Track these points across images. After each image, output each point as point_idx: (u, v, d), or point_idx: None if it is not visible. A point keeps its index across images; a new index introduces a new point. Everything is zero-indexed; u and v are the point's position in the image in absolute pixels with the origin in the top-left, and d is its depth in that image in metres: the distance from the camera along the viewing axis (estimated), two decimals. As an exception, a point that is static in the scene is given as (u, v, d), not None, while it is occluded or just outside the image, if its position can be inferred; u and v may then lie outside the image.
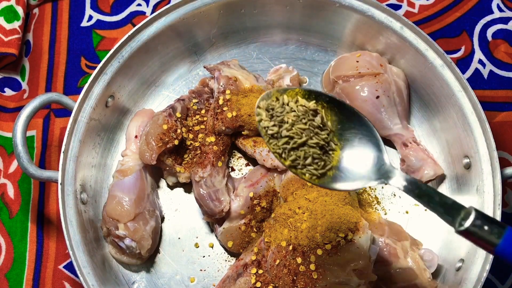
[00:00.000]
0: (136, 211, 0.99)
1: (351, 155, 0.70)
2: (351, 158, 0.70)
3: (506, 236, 0.60)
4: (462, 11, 1.21)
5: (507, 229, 0.61)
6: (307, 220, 0.89)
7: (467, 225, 0.61)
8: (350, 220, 0.88)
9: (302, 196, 0.94)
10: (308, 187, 0.95)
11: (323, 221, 0.88)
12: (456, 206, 0.63)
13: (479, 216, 0.62)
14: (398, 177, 0.67)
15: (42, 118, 1.15)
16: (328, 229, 0.87)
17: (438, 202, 0.64)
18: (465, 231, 0.62)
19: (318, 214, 0.89)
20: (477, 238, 0.62)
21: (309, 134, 0.69)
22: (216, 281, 1.01)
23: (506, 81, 1.16)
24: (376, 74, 1.06)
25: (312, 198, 0.92)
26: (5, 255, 1.06)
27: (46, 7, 1.24)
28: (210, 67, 1.09)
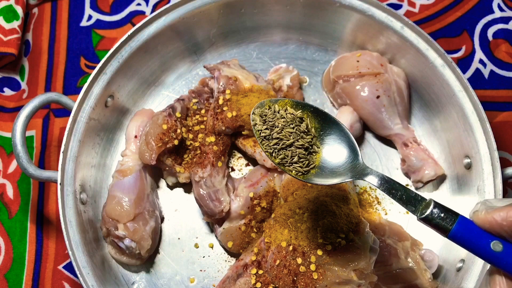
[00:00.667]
0: (135, 211, 0.98)
1: (331, 156, 0.82)
2: (331, 159, 0.82)
3: (458, 223, 0.71)
4: (462, 11, 1.21)
5: (459, 217, 0.71)
6: (307, 221, 0.89)
7: (426, 213, 0.72)
8: (351, 221, 0.88)
9: (302, 196, 0.93)
10: (308, 187, 0.95)
11: (323, 222, 0.87)
12: (418, 198, 0.75)
13: (436, 206, 0.72)
14: (371, 176, 0.78)
15: (42, 118, 1.15)
16: (328, 230, 0.87)
17: (404, 194, 0.75)
18: (425, 218, 0.73)
19: (318, 215, 0.89)
20: (434, 225, 0.72)
21: (295, 137, 0.81)
22: (216, 281, 1.01)
23: (507, 81, 1.16)
24: (376, 74, 1.05)
25: (313, 198, 0.92)
26: (4, 255, 1.06)
27: (46, 7, 1.23)
28: (210, 67, 1.09)
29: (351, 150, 0.82)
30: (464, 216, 0.72)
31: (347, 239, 0.87)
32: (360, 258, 0.85)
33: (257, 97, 1.03)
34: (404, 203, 0.75)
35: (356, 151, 0.82)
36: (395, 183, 0.77)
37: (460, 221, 0.71)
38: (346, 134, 0.83)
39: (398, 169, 1.08)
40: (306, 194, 0.94)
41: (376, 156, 1.09)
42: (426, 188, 1.06)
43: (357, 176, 0.79)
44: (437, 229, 0.73)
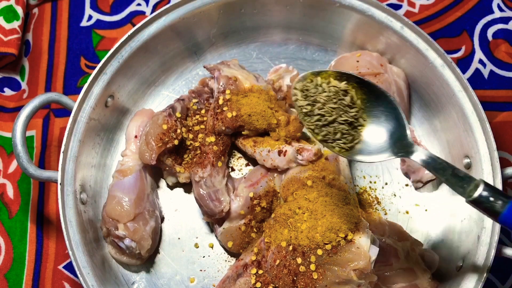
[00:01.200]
0: (136, 211, 0.98)
1: (377, 131, 0.78)
2: (377, 133, 0.78)
3: (510, 207, 0.67)
4: (462, 11, 1.21)
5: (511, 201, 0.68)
6: (307, 220, 0.89)
7: (475, 196, 0.68)
8: (350, 220, 0.88)
9: (302, 196, 0.93)
10: (308, 187, 0.95)
11: (323, 221, 0.88)
12: (467, 178, 0.70)
13: (486, 188, 0.69)
14: (418, 152, 0.74)
15: (42, 118, 1.15)
16: (328, 229, 0.87)
17: (451, 174, 0.71)
18: (474, 201, 0.69)
19: (318, 214, 0.89)
20: (484, 207, 0.69)
21: (338, 112, 0.77)
22: (216, 281, 1.01)
23: (507, 81, 1.16)
24: (376, 74, 1.05)
25: (312, 198, 0.92)
26: (5, 255, 1.06)
27: (46, 7, 1.23)
28: (210, 67, 1.09)
29: (399, 124, 0.77)
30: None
31: (346, 239, 0.87)
32: (359, 258, 0.85)
33: (257, 97, 1.03)
34: (451, 184, 0.71)
35: (403, 125, 0.77)
36: (443, 162, 0.73)
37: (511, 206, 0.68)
38: (394, 107, 0.78)
39: (398, 169, 1.08)
40: (306, 194, 0.94)
41: (376, 156, 1.09)
42: (426, 188, 1.07)
43: (403, 153, 0.75)
44: (487, 212, 0.70)
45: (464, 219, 0.99)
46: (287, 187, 0.98)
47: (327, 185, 0.95)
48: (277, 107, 1.04)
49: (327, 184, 0.95)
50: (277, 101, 1.06)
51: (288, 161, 0.99)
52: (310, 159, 0.98)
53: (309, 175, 0.96)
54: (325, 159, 0.99)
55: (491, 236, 0.91)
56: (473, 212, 0.96)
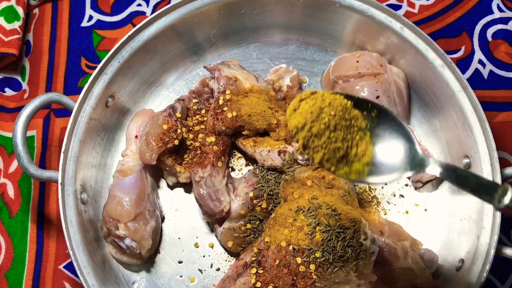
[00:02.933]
0: (136, 211, 0.99)
1: (384, 149, 0.74)
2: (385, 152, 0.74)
3: None
4: (462, 11, 1.21)
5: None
6: (307, 220, 0.89)
7: (506, 202, 0.65)
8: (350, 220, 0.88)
9: (302, 196, 0.94)
10: (308, 187, 0.95)
11: (323, 221, 0.88)
12: (493, 186, 0.67)
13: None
14: (433, 165, 0.70)
15: (42, 118, 1.15)
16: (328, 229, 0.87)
17: (476, 183, 0.67)
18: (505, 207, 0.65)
19: (318, 215, 0.89)
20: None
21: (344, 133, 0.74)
22: (216, 281, 1.01)
23: (506, 81, 1.16)
24: (376, 74, 1.06)
25: (312, 199, 0.92)
26: (5, 254, 1.06)
27: (46, 7, 1.24)
28: (210, 67, 1.09)
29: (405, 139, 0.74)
30: None
31: (346, 239, 0.87)
32: (359, 258, 0.85)
33: (257, 97, 1.03)
34: (477, 193, 0.67)
35: (411, 139, 0.74)
36: (463, 171, 0.69)
37: None
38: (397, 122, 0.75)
39: (397, 169, 1.08)
40: (306, 194, 0.94)
41: (375, 156, 1.09)
42: (426, 188, 1.07)
43: (417, 169, 0.72)
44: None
45: (464, 219, 0.99)
46: (287, 187, 0.98)
47: (327, 185, 0.95)
48: (277, 107, 1.04)
49: (327, 184, 0.95)
50: (277, 101, 1.07)
51: (288, 161, 0.99)
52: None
53: (309, 175, 0.96)
54: (325, 159, 0.99)
55: (490, 236, 0.91)
56: (473, 212, 0.96)
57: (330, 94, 0.74)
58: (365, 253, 0.85)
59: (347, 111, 0.74)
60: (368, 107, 0.76)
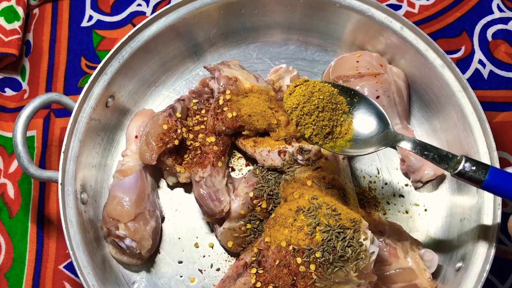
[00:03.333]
0: (136, 211, 0.99)
1: (363, 128, 0.88)
2: (364, 131, 0.88)
3: (490, 173, 0.77)
4: (462, 11, 1.21)
5: (490, 168, 0.78)
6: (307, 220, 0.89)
7: (459, 169, 0.78)
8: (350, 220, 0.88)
9: (302, 196, 0.94)
10: (308, 187, 0.95)
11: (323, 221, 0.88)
12: (449, 156, 0.81)
13: (468, 160, 0.79)
14: (403, 141, 0.84)
15: (42, 118, 1.15)
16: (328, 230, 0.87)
17: (436, 154, 0.82)
18: (458, 173, 0.78)
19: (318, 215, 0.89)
20: (467, 178, 0.78)
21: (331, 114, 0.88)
22: (216, 281, 1.01)
23: (506, 81, 1.16)
24: (376, 74, 1.06)
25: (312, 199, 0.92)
26: (5, 254, 1.06)
27: (46, 7, 1.24)
28: (210, 67, 1.09)
29: (380, 120, 0.88)
30: (494, 167, 0.78)
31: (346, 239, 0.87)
32: (360, 258, 0.85)
33: (257, 97, 1.03)
34: (437, 162, 0.81)
35: (386, 120, 0.88)
36: (427, 145, 0.83)
37: (491, 172, 0.77)
38: (374, 106, 0.89)
39: (397, 169, 1.08)
40: (306, 194, 0.94)
41: (375, 156, 1.09)
42: (426, 188, 1.07)
43: (390, 144, 0.86)
44: (471, 182, 0.78)
45: (464, 219, 0.99)
46: (287, 187, 0.98)
47: (327, 185, 0.95)
48: (277, 107, 1.04)
49: (327, 184, 0.95)
50: (277, 101, 1.07)
51: (288, 161, 0.99)
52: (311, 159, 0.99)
53: (309, 175, 0.96)
54: (325, 159, 0.99)
55: (490, 236, 0.91)
56: (473, 212, 0.96)
57: (320, 82, 0.89)
58: (365, 253, 0.85)
59: (333, 96, 0.88)
60: (351, 94, 0.90)
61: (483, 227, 0.93)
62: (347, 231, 0.86)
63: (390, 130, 0.87)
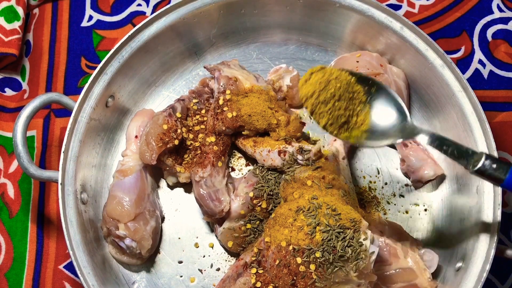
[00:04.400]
0: (136, 211, 0.99)
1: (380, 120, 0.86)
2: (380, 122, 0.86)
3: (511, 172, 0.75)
4: (462, 11, 1.21)
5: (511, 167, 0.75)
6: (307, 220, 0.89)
7: (479, 166, 0.76)
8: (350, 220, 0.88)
9: (302, 196, 0.94)
10: (308, 187, 0.95)
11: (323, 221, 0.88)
12: (469, 152, 0.78)
13: (488, 158, 0.76)
14: (422, 134, 0.82)
15: (42, 118, 1.15)
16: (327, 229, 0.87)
17: (455, 149, 0.79)
18: (478, 171, 0.76)
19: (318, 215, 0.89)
20: (488, 176, 0.76)
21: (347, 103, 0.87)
22: (216, 281, 1.01)
23: (506, 81, 1.16)
24: (376, 74, 1.06)
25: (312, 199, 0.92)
26: (5, 254, 1.06)
27: (46, 7, 1.24)
28: (210, 67, 1.09)
29: (398, 111, 0.86)
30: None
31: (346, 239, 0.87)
32: (360, 258, 0.85)
33: (257, 97, 1.03)
34: (456, 158, 0.79)
35: (404, 112, 0.85)
36: (446, 139, 0.81)
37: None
38: (392, 97, 0.86)
39: (397, 169, 1.08)
40: (306, 194, 0.94)
41: (375, 156, 1.09)
42: (426, 188, 1.07)
43: (407, 136, 0.84)
44: (491, 180, 0.77)
45: (464, 219, 0.99)
46: (287, 187, 0.98)
47: (327, 185, 0.95)
48: (277, 107, 1.04)
49: (327, 184, 0.95)
50: (277, 101, 1.07)
51: (288, 161, 0.99)
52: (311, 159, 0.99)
53: (309, 175, 0.96)
54: (325, 159, 0.99)
55: (490, 236, 0.91)
56: (473, 212, 0.96)
57: (337, 70, 0.86)
58: (365, 253, 0.85)
59: (350, 85, 0.86)
60: (369, 83, 0.87)
61: (483, 227, 0.93)
62: (347, 231, 0.86)
63: (408, 122, 0.85)
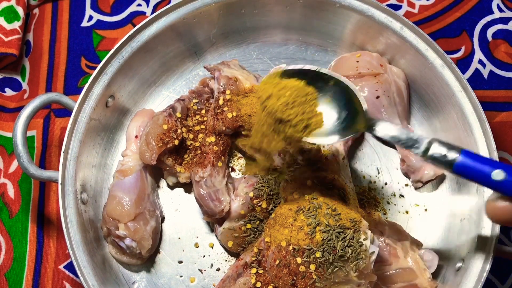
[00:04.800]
0: (136, 211, 0.99)
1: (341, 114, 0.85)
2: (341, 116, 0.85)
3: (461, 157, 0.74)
4: (462, 11, 1.21)
5: (462, 151, 0.75)
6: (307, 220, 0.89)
7: (431, 152, 0.76)
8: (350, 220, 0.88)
9: (302, 196, 0.94)
10: (308, 187, 0.95)
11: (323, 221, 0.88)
12: (420, 139, 0.78)
13: (439, 143, 0.76)
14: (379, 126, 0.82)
15: (42, 118, 1.15)
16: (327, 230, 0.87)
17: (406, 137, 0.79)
18: (429, 157, 0.76)
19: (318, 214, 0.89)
20: (438, 161, 0.76)
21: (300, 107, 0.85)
22: (216, 281, 1.01)
23: (506, 81, 1.16)
24: (376, 74, 1.06)
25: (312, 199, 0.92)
26: (5, 254, 1.06)
27: (46, 7, 1.24)
28: (210, 67, 1.09)
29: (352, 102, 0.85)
30: (466, 150, 0.75)
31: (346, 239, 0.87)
32: (360, 258, 0.85)
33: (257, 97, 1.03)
34: (408, 146, 0.79)
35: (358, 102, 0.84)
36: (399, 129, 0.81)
37: (462, 155, 0.75)
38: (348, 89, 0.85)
39: (397, 169, 1.08)
40: (306, 194, 0.94)
41: (375, 156, 1.09)
42: (426, 188, 1.07)
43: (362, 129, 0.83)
44: (442, 165, 0.76)
45: (464, 219, 0.99)
46: (287, 187, 0.98)
47: (327, 185, 0.95)
48: (277, 107, 1.04)
49: (327, 184, 0.95)
50: (277, 101, 1.06)
51: (288, 161, 0.99)
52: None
53: (309, 175, 0.96)
54: (325, 159, 0.99)
55: (490, 236, 0.91)
56: (473, 212, 0.96)
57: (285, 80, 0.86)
58: (365, 253, 0.85)
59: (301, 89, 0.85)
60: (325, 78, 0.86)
61: (483, 227, 0.93)
62: (347, 231, 0.86)
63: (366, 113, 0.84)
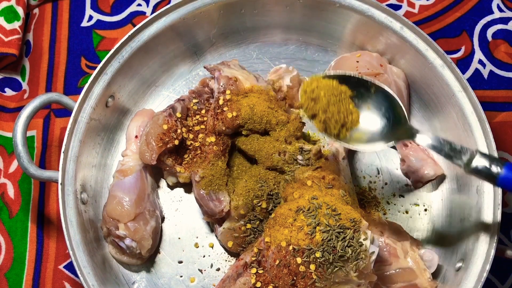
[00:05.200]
0: (136, 211, 0.99)
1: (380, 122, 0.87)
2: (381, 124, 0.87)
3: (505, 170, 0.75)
4: (462, 11, 1.21)
5: (506, 164, 0.75)
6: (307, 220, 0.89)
7: (474, 164, 0.76)
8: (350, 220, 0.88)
9: (302, 196, 0.94)
10: (308, 187, 0.95)
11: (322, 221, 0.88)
12: (464, 151, 0.78)
13: (482, 156, 0.76)
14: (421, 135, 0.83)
15: (42, 118, 1.15)
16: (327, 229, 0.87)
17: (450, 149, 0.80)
18: (472, 170, 0.76)
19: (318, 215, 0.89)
20: (483, 174, 0.76)
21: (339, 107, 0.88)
22: (216, 281, 1.01)
23: (506, 81, 1.16)
24: (376, 74, 1.06)
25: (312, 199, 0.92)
26: (5, 254, 1.06)
27: (46, 7, 1.24)
28: (210, 67, 1.09)
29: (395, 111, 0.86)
30: (509, 163, 0.76)
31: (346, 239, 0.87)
32: (360, 258, 0.85)
33: (257, 97, 1.03)
34: (450, 158, 0.79)
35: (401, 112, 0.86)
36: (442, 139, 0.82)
37: (506, 168, 0.75)
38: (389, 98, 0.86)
39: (397, 169, 1.08)
40: (306, 194, 0.94)
41: (375, 156, 1.09)
42: (426, 188, 1.07)
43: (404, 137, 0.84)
44: (485, 179, 0.76)
45: (464, 219, 0.99)
46: (287, 187, 0.98)
47: (327, 185, 0.95)
48: (277, 107, 1.04)
49: (327, 184, 0.95)
50: (277, 101, 1.07)
51: (288, 161, 0.99)
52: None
53: (309, 175, 0.96)
54: (325, 159, 0.99)
55: (490, 236, 0.91)
56: (473, 212, 0.96)
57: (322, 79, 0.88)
58: (365, 253, 0.85)
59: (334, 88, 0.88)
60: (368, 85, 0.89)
61: (483, 227, 0.93)
62: (347, 231, 0.86)
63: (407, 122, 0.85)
